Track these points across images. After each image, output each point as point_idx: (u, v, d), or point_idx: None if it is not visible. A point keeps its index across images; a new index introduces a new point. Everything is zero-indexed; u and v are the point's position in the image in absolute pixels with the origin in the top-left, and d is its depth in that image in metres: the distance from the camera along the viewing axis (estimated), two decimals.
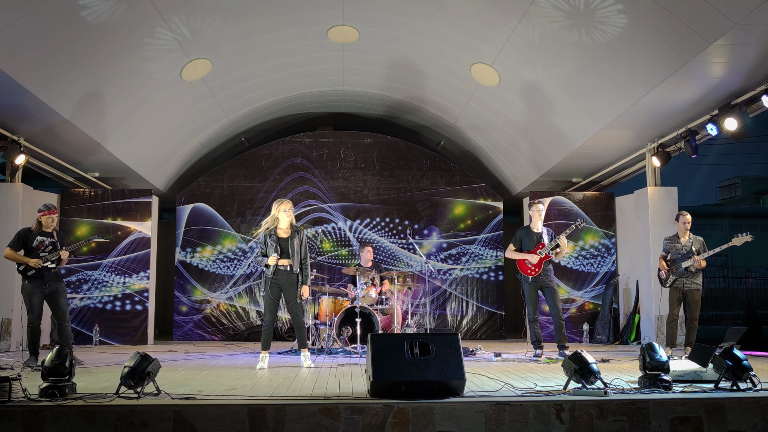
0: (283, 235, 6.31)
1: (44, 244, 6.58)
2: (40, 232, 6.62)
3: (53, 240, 6.64)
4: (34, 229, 6.64)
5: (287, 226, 6.35)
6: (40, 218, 6.65)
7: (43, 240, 6.59)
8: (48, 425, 3.78)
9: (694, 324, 7.17)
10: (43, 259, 6.50)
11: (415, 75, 9.83)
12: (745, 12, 5.49)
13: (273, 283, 6.24)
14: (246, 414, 3.86)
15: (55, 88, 7.21)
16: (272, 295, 6.22)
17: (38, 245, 6.56)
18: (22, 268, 6.53)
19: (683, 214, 7.29)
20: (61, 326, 6.64)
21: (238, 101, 10.18)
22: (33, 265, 6.47)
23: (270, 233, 6.31)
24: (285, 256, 6.26)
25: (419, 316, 10.77)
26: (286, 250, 6.27)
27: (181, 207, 11.07)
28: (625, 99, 7.63)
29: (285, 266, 6.25)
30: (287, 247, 6.28)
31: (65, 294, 6.76)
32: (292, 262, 6.26)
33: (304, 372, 5.85)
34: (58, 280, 6.68)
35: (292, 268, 6.26)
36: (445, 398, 4.12)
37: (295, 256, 6.27)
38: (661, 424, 4.01)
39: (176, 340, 10.52)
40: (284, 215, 6.32)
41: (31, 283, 6.52)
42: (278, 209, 6.32)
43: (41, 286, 6.54)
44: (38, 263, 6.47)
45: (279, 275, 6.25)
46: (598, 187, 11.20)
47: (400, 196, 11.39)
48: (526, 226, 7.49)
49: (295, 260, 6.27)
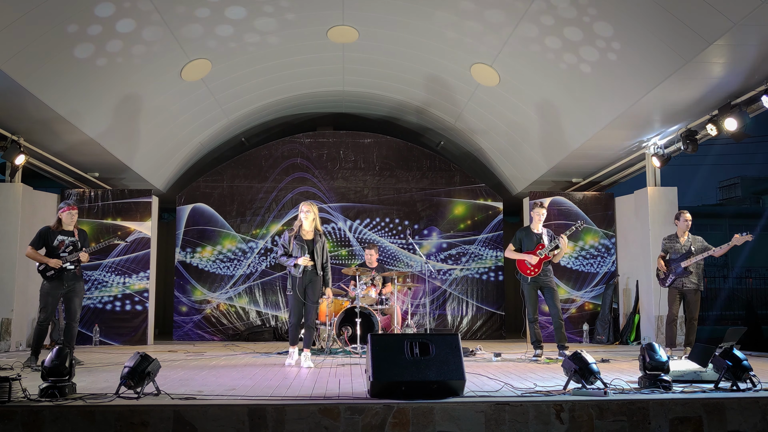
0: (308, 237, 6.49)
1: (65, 244, 6.49)
2: (61, 231, 6.52)
3: (74, 239, 6.55)
4: (54, 227, 6.53)
5: (311, 228, 6.53)
6: (60, 215, 6.54)
7: (63, 239, 6.49)
8: (48, 425, 3.78)
9: (694, 324, 7.17)
10: (63, 259, 6.42)
11: (415, 75, 9.83)
12: (745, 12, 5.49)
13: (300, 282, 6.40)
14: (246, 414, 3.86)
15: (55, 88, 7.21)
16: (299, 292, 6.39)
17: (59, 244, 6.46)
18: (42, 268, 6.45)
19: (683, 213, 7.28)
20: (69, 326, 6.58)
21: (238, 101, 10.18)
22: (53, 266, 6.39)
23: (295, 235, 6.50)
24: (311, 257, 6.45)
25: (419, 316, 10.77)
26: (311, 251, 6.46)
27: (181, 207, 11.07)
28: (625, 99, 7.63)
29: (310, 267, 6.43)
30: (312, 248, 6.46)
31: (82, 295, 6.70)
32: (316, 264, 6.44)
33: (304, 372, 5.86)
34: (77, 280, 6.59)
35: (315, 269, 6.44)
36: (445, 398, 4.12)
37: (319, 258, 6.46)
38: (660, 424, 4.01)
39: (176, 341, 10.52)
40: (303, 216, 6.47)
41: (50, 283, 6.45)
42: (300, 210, 6.53)
43: (60, 287, 6.48)
44: (58, 264, 6.39)
45: (306, 275, 6.42)
46: (598, 187, 11.20)
47: (400, 196, 11.39)
48: (526, 227, 7.49)
49: (318, 262, 6.45)
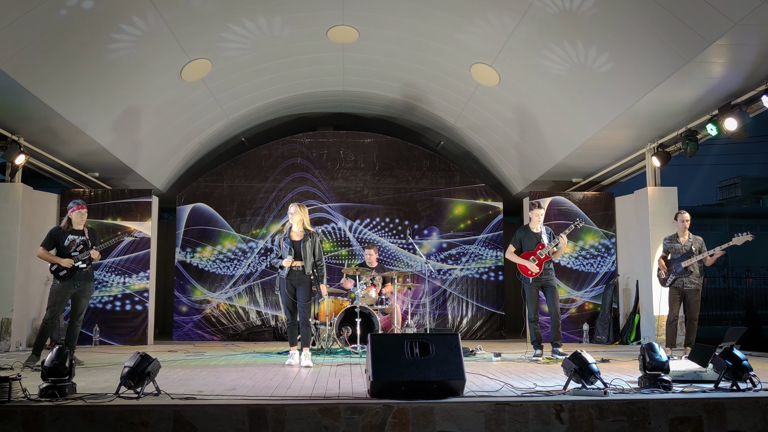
0: (296, 237, 6.52)
1: (75, 243, 6.49)
2: (71, 231, 6.53)
3: (84, 238, 6.55)
4: (65, 227, 6.54)
5: (300, 228, 6.55)
6: (70, 215, 6.55)
7: (74, 239, 6.50)
8: (48, 425, 3.78)
9: (694, 324, 7.17)
10: (75, 258, 6.44)
11: (414, 75, 9.83)
12: (745, 12, 5.49)
13: (287, 283, 6.48)
14: (246, 414, 3.86)
15: (55, 88, 7.21)
16: (288, 293, 6.47)
17: (69, 244, 6.47)
18: (54, 268, 6.46)
19: (682, 213, 7.30)
20: (72, 325, 6.60)
21: (238, 101, 10.18)
22: (65, 266, 6.41)
23: (285, 236, 6.55)
24: (298, 258, 6.47)
25: (419, 316, 10.77)
26: (298, 252, 6.48)
27: (181, 207, 11.07)
28: (625, 99, 7.63)
29: (298, 267, 6.45)
30: (300, 249, 6.47)
31: (90, 296, 6.72)
32: (305, 264, 6.45)
33: (304, 372, 5.86)
34: (88, 280, 6.62)
35: (304, 269, 6.45)
36: (445, 398, 4.12)
37: (308, 258, 6.47)
38: (660, 424, 4.01)
39: (176, 341, 10.52)
40: (289, 217, 6.55)
41: (62, 282, 6.47)
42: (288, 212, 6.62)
43: (71, 286, 6.50)
44: (70, 263, 6.41)
45: (292, 276, 6.48)
46: (598, 187, 11.20)
47: (400, 196, 11.39)
48: (525, 226, 7.49)
49: (307, 262, 6.47)
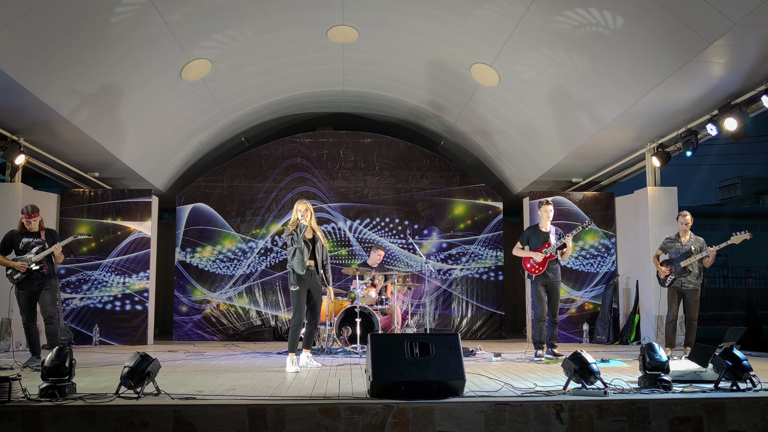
0: (309, 236, 6.37)
1: (30, 245, 6.42)
2: (26, 233, 6.47)
3: (40, 240, 6.46)
4: (18, 230, 6.49)
5: (313, 226, 6.42)
6: (21, 220, 6.50)
7: (29, 241, 6.43)
8: (48, 425, 3.78)
9: (694, 324, 7.18)
10: (28, 261, 6.35)
11: (414, 75, 9.83)
12: (745, 12, 5.49)
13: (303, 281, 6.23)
14: (246, 414, 3.86)
15: (55, 88, 7.21)
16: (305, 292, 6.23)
17: (24, 247, 6.42)
18: (10, 272, 6.38)
19: (683, 214, 7.31)
20: (46, 326, 6.44)
21: (238, 101, 10.18)
22: (18, 268, 6.33)
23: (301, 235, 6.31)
24: (311, 256, 6.33)
25: (419, 316, 10.77)
26: (312, 250, 6.34)
27: (181, 207, 11.07)
28: (625, 99, 7.63)
29: (311, 266, 6.33)
30: (312, 247, 6.34)
31: (53, 291, 6.52)
32: (316, 263, 6.34)
33: (304, 372, 5.85)
34: (47, 279, 6.46)
35: (316, 268, 6.34)
36: (445, 398, 4.12)
37: (319, 256, 6.36)
38: (660, 424, 4.01)
39: (176, 340, 10.52)
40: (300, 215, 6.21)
41: (19, 285, 6.39)
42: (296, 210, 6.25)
43: (29, 287, 6.41)
44: (23, 266, 6.32)
45: (307, 275, 6.29)
46: (598, 187, 11.19)
47: (400, 196, 11.39)
48: (534, 225, 7.49)
49: (318, 260, 6.35)
